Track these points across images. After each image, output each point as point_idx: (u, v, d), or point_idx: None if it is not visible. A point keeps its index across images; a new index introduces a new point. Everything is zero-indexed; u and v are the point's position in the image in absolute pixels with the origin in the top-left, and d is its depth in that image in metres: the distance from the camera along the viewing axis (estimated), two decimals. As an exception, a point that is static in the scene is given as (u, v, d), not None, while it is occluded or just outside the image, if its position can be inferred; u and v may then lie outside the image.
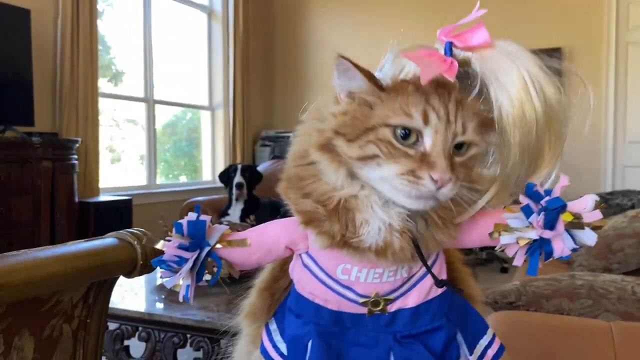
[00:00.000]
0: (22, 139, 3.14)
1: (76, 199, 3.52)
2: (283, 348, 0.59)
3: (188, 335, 1.62)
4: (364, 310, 0.55)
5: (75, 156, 3.50)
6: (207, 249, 0.57)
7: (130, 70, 4.87)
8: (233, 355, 0.73)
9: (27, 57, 3.34)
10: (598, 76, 4.96)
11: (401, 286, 0.55)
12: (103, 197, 3.86)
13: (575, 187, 0.66)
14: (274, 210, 3.48)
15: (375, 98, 0.55)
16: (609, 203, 2.76)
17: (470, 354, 0.56)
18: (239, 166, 3.58)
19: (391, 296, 0.54)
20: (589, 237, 0.51)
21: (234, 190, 3.53)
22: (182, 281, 0.57)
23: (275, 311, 0.62)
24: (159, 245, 0.58)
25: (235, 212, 3.41)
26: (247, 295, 0.66)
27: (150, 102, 4.74)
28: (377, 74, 0.57)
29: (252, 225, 2.23)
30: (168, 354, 1.62)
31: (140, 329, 1.66)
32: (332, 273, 0.56)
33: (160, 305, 1.72)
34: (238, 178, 3.52)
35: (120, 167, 4.78)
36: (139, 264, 0.89)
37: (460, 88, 0.53)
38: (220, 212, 3.44)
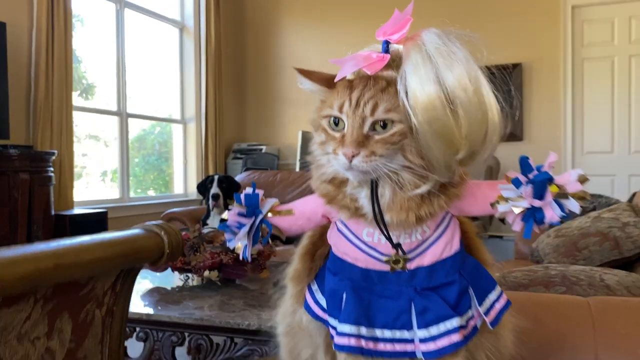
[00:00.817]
0: (-1, 151, 3.13)
1: (52, 212, 3.52)
2: (324, 303, 0.68)
3: (186, 334, 1.68)
4: (387, 267, 0.65)
5: (52, 168, 3.50)
6: (260, 216, 0.67)
7: (101, 84, 4.87)
8: (278, 314, 0.81)
9: (2, 70, 3.34)
10: (556, 90, 5.23)
11: (417, 247, 0.65)
12: (78, 210, 3.85)
13: None
14: (253, 219, 3.53)
15: (324, 96, 0.68)
16: (573, 206, 2.93)
17: (480, 306, 0.66)
18: (216, 177, 3.64)
19: (409, 255, 0.65)
20: (573, 206, 0.62)
21: (210, 201, 3.59)
22: (240, 243, 0.66)
23: (316, 275, 0.71)
24: (224, 215, 0.68)
25: (214, 222, 3.46)
26: (290, 263, 0.75)
27: (123, 115, 4.76)
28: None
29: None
30: (167, 353, 1.68)
31: (137, 329, 1.71)
32: (360, 235, 0.66)
33: (157, 306, 1.77)
34: (214, 189, 3.58)
35: (81, 183, 4.70)
36: (165, 252, 0.96)
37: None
38: (201, 222, 3.49)
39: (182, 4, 5.53)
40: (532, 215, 0.61)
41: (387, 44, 0.63)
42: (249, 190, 0.67)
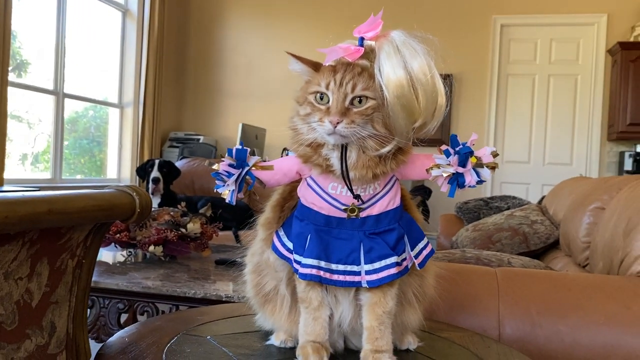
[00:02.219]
0: None
1: (-18, 187, 3.44)
2: (289, 245, 0.83)
3: (133, 302, 1.77)
4: (344, 215, 0.81)
5: (-16, 143, 3.43)
6: (246, 168, 0.81)
7: (36, 62, 4.76)
8: (247, 255, 0.95)
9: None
10: (482, 102, 5.61)
11: (369, 200, 0.81)
12: (9, 188, 3.77)
13: (463, 196, 0.94)
14: (190, 205, 3.61)
15: (310, 77, 0.83)
16: (490, 206, 3.23)
17: (412, 251, 0.84)
18: (157, 161, 3.68)
19: (363, 206, 0.81)
20: (486, 173, 0.80)
21: (150, 185, 3.63)
22: (228, 190, 0.80)
23: (283, 223, 0.86)
24: (215, 166, 0.81)
25: (152, 204, 3.52)
26: (263, 213, 0.90)
27: (60, 95, 4.68)
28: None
29: (184, 212, 2.39)
30: (112, 319, 1.76)
31: (84, 296, 1.79)
32: (325, 188, 0.82)
33: (103, 276, 1.85)
34: (155, 173, 3.63)
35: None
36: (137, 211, 1.08)
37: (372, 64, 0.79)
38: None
39: (126, -12, 5.49)
40: (456, 179, 0.80)
41: (362, 39, 0.79)
42: (238, 146, 0.82)
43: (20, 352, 0.96)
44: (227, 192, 0.81)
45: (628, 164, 5.17)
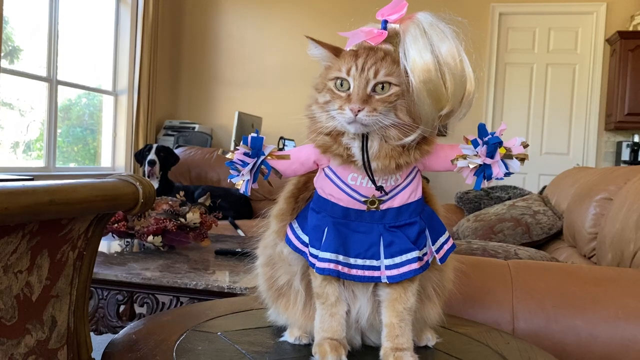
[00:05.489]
0: None
1: (-26, 175, 3.38)
2: (304, 238, 0.80)
3: (133, 293, 1.73)
4: (364, 207, 0.78)
5: (-23, 130, 3.36)
6: (262, 157, 0.77)
7: (28, 48, 4.67)
8: (259, 247, 0.91)
9: None
10: (480, 91, 5.55)
11: (390, 192, 0.78)
12: (3, 176, 3.71)
13: (463, 185, 0.90)
14: (188, 194, 3.58)
15: (330, 62, 0.79)
16: (491, 196, 3.21)
17: (433, 245, 0.80)
18: (155, 145, 3.65)
19: (383, 198, 0.78)
20: (515, 165, 0.77)
21: (146, 167, 3.59)
22: (242, 180, 0.76)
23: (297, 215, 0.82)
24: (228, 155, 0.77)
25: (148, 193, 3.48)
26: (275, 204, 0.86)
27: (53, 82, 4.60)
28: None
29: (183, 202, 2.35)
30: (111, 310, 1.73)
31: (82, 287, 1.75)
32: (345, 179, 0.78)
33: (102, 267, 1.81)
34: (152, 156, 3.59)
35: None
36: (140, 201, 1.03)
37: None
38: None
39: (119, -27, 5.39)
40: (483, 171, 0.76)
41: (385, 22, 0.75)
42: (254, 134, 0.78)
43: (21, 348, 0.93)
44: (242, 182, 0.77)
45: (625, 154, 5.16)
